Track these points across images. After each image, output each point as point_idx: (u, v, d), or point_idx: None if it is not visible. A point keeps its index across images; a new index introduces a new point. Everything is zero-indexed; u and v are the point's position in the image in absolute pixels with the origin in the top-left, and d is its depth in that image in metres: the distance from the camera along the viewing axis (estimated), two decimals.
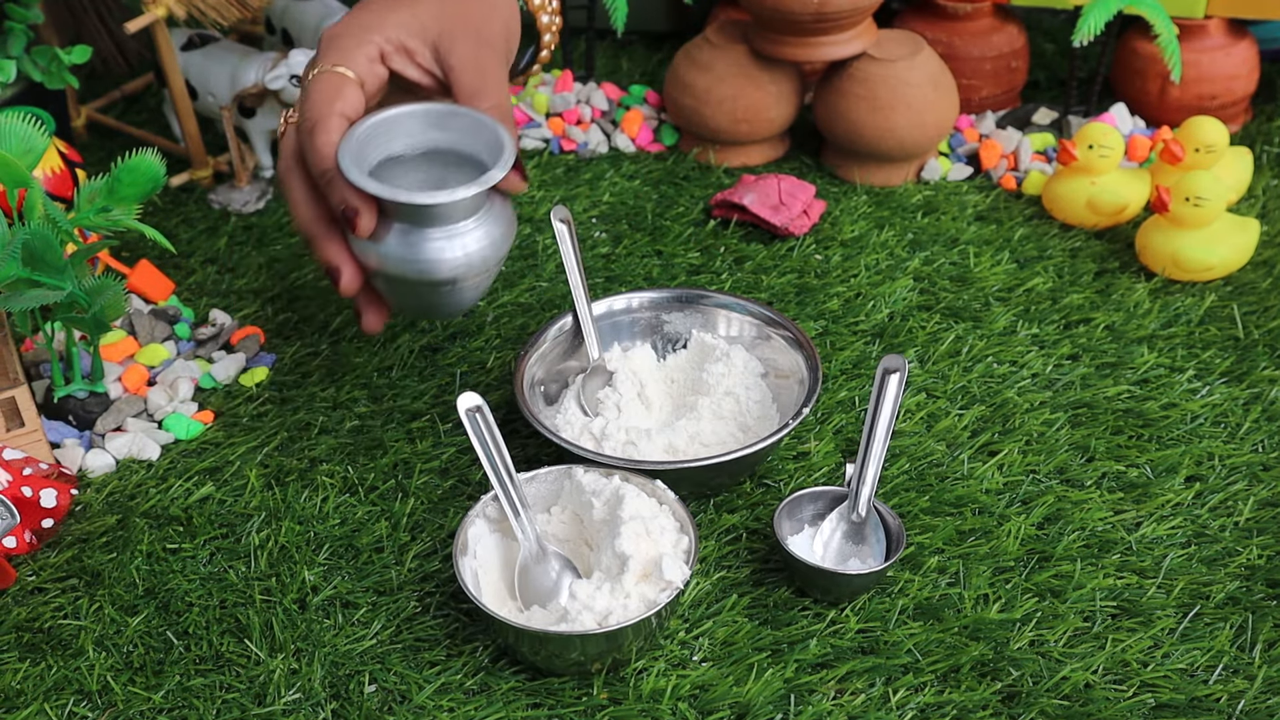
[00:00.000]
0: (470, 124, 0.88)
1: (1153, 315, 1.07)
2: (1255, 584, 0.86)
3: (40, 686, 0.81)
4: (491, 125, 0.87)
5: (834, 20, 1.16)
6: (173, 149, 1.26)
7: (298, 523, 0.92)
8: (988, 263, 1.13)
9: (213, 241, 1.19)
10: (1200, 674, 0.81)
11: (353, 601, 0.86)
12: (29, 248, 0.88)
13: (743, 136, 1.24)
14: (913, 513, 0.91)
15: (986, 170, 1.25)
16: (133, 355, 1.05)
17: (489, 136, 0.87)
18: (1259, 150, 1.26)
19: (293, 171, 0.90)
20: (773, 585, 0.87)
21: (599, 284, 1.12)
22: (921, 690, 0.80)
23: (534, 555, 0.84)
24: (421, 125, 0.90)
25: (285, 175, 0.90)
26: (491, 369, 1.04)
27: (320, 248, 0.89)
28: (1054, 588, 0.86)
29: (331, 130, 0.86)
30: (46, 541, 0.91)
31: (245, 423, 1.00)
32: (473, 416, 0.85)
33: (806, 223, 1.17)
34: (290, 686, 0.81)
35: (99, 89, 1.40)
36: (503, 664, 0.82)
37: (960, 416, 0.98)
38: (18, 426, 0.94)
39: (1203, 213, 1.07)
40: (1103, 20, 1.19)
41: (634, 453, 0.92)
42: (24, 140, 0.91)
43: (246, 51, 1.24)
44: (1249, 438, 0.96)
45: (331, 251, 0.89)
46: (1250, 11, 1.24)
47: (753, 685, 0.80)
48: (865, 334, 1.06)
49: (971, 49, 1.29)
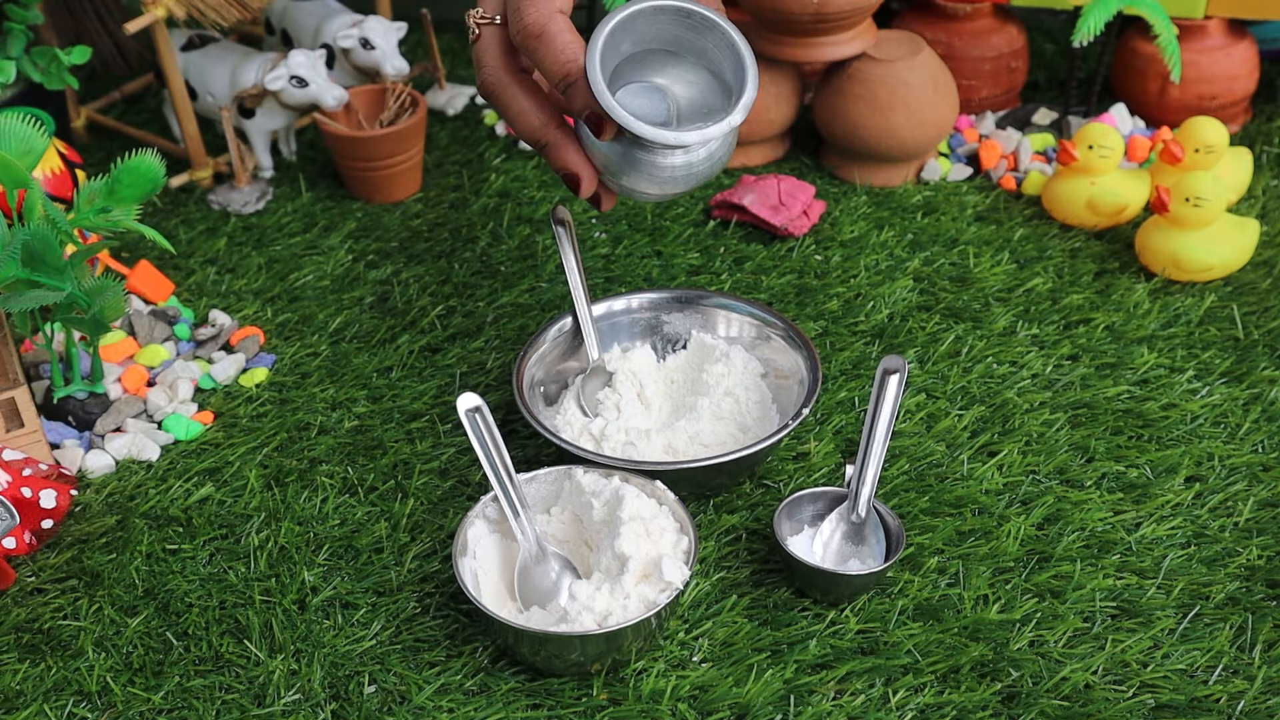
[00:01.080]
0: (701, 21, 0.84)
1: (1153, 316, 1.07)
2: (1255, 584, 0.86)
3: (40, 687, 0.81)
4: (723, 27, 0.84)
5: (834, 21, 1.16)
6: (172, 150, 1.26)
7: (297, 523, 0.92)
8: (987, 263, 1.13)
9: (212, 242, 1.19)
10: (1200, 674, 0.81)
11: (352, 602, 0.86)
12: (29, 248, 0.88)
13: (742, 137, 1.24)
14: (912, 513, 0.91)
15: (986, 171, 1.25)
16: (132, 356, 1.05)
17: (719, 38, 0.84)
18: (1259, 150, 1.26)
19: (511, 79, 0.86)
20: (772, 586, 0.87)
21: (599, 285, 1.12)
22: (921, 691, 0.80)
23: (534, 556, 0.84)
24: (651, 24, 0.85)
25: (499, 85, 0.87)
26: (491, 370, 1.04)
27: (557, 154, 0.87)
28: (1054, 588, 0.86)
29: (563, 30, 0.83)
30: (46, 542, 0.91)
31: (245, 423, 1.00)
32: (472, 417, 0.85)
33: (806, 223, 1.17)
34: (290, 687, 0.81)
35: (99, 90, 1.40)
36: (502, 665, 0.82)
37: (960, 417, 0.98)
38: (17, 427, 0.94)
39: (1202, 213, 1.07)
40: (1102, 20, 1.19)
41: (633, 453, 0.91)
42: (24, 141, 0.91)
43: (246, 52, 1.24)
44: (1249, 438, 0.96)
45: (570, 158, 0.86)
46: (1250, 12, 1.24)
47: (752, 686, 0.80)
48: (865, 334, 1.06)
49: (971, 49, 1.29)
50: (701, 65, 0.86)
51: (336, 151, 1.22)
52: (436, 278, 1.14)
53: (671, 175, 0.86)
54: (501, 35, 0.87)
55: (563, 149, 0.87)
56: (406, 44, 1.47)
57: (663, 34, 0.86)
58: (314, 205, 1.24)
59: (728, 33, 0.84)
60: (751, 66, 0.84)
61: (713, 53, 0.86)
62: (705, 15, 0.84)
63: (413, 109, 1.23)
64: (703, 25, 0.85)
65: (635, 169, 0.86)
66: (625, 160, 0.85)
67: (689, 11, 0.84)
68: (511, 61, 0.87)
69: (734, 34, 0.84)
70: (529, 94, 0.87)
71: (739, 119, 0.83)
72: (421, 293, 1.12)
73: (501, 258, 1.16)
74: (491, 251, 1.17)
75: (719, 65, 0.85)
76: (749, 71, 0.84)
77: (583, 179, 0.87)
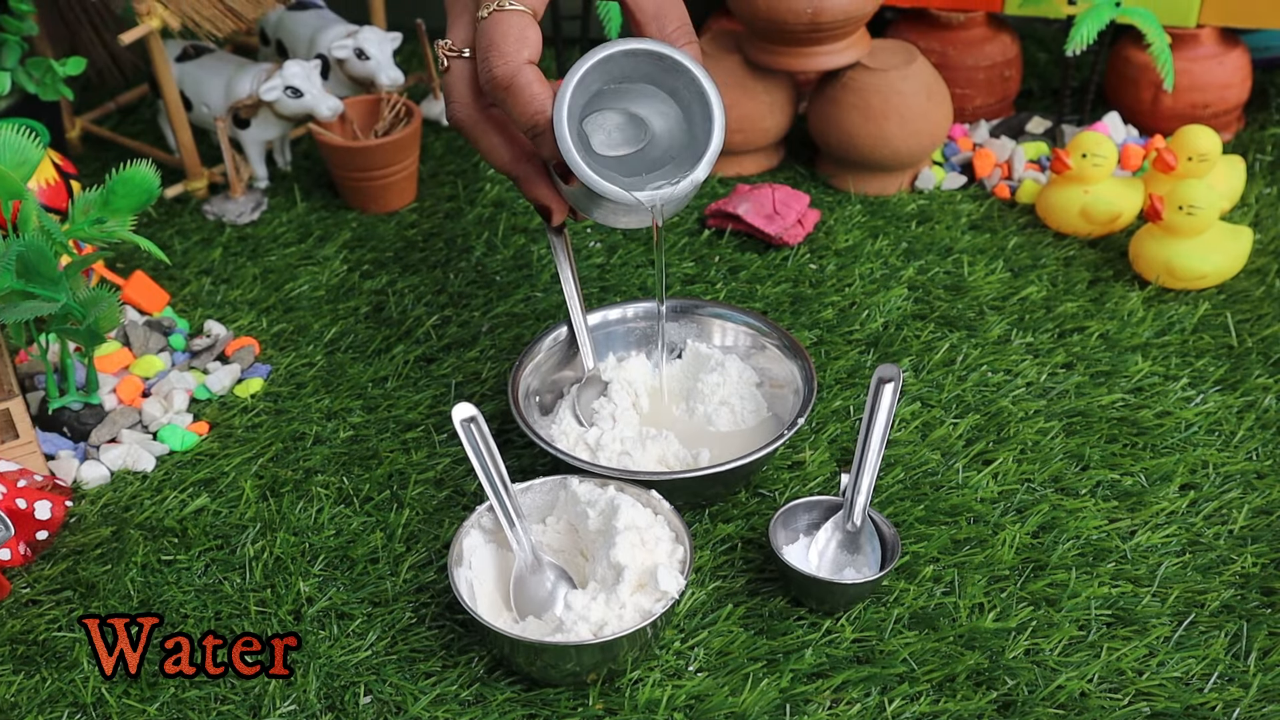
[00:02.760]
0: (673, 65, 0.85)
1: (1146, 323, 1.08)
2: (1250, 592, 0.86)
3: (34, 699, 0.81)
4: (694, 73, 0.85)
5: (828, 30, 1.16)
6: (167, 160, 1.26)
7: (293, 534, 0.92)
8: (982, 271, 1.13)
9: (207, 253, 1.19)
10: (1195, 682, 0.81)
11: (348, 613, 0.86)
12: (23, 259, 0.88)
13: (737, 146, 1.25)
14: (908, 522, 0.91)
15: (980, 179, 1.25)
16: (127, 367, 1.05)
17: (690, 83, 0.85)
18: (1251, 158, 1.27)
19: (480, 115, 0.88)
20: (768, 595, 0.87)
21: (594, 294, 1.12)
22: (917, 699, 0.80)
23: (529, 566, 0.84)
24: (626, 64, 0.86)
25: (470, 121, 0.88)
26: (486, 379, 1.04)
27: (528, 188, 0.89)
28: (1049, 596, 0.86)
29: (531, 82, 0.84)
30: (41, 553, 0.91)
31: (240, 434, 1.00)
32: (467, 427, 0.85)
33: (801, 232, 1.17)
34: (285, 698, 0.81)
35: (94, 100, 1.40)
36: (498, 675, 0.82)
37: (955, 425, 0.98)
38: (12, 438, 0.94)
39: (1196, 221, 1.07)
40: (1095, 29, 1.19)
41: (629, 463, 0.92)
42: (18, 152, 0.91)
43: (241, 63, 1.24)
44: (1243, 446, 0.97)
45: (541, 191, 0.89)
46: (1242, 20, 1.24)
47: (748, 695, 0.80)
48: (860, 343, 1.06)
49: (965, 58, 1.29)
50: (675, 102, 0.87)
51: (331, 161, 1.22)
52: (432, 287, 1.14)
53: (639, 219, 0.88)
54: (470, 69, 0.88)
55: (532, 183, 0.89)
56: (401, 54, 1.47)
57: (638, 71, 0.87)
58: (309, 215, 1.24)
59: (698, 80, 0.85)
60: (719, 117, 0.85)
61: (684, 94, 0.87)
62: (677, 60, 0.85)
63: (407, 119, 1.23)
64: (674, 69, 0.86)
65: (601, 209, 0.88)
66: (592, 201, 0.87)
67: (661, 55, 0.85)
68: (480, 98, 0.88)
69: (705, 82, 0.85)
70: (498, 130, 0.88)
71: (702, 174, 0.85)
72: (417, 302, 1.12)
73: (496, 267, 1.16)
74: (486, 261, 1.17)
75: (690, 108, 0.87)
76: (716, 122, 0.85)
77: (554, 211, 0.90)
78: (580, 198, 0.88)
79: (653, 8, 0.88)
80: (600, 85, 0.87)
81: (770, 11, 1.16)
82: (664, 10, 0.88)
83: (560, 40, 1.38)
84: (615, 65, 0.86)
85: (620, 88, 0.88)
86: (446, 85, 0.89)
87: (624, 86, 0.88)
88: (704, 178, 0.85)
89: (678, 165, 0.87)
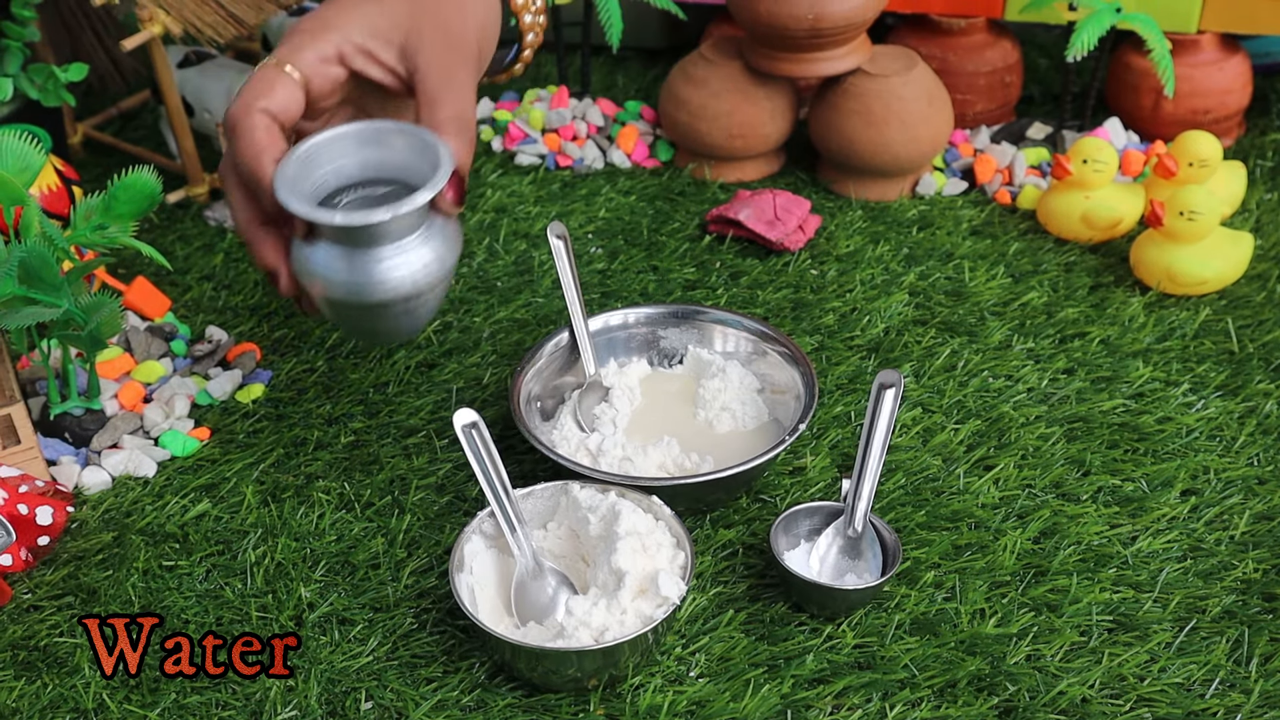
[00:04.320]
0: (416, 142, 0.85)
1: (1147, 329, 1.08)
2: (1251, 598, 0.86)
3: (35, 705, 0.81)
4: (434, 144, 0.83)
5: (829, 36, 1.16)
6: (169, 166, 1.27)
7: (294, 539, 0.92)
8: (983, 277, 1.13)
9: (209, 258, 1.19)
10: (1197, 688, 0.81)
11: (349, 618, 0.86)
12: (25, 265, 0.88)
13: (738, 152, 1.25)
14: (909, 527, 0.91)
15: (981, 185, 1.26)
16: (129, 372, 1.05)
17: (432, 156, 0.83)
18: (1252, 164, 1.27)
19: (230, 172, 0.87)
20: (769, 600, 0.87)
21: (595, 300, 1.12)
22: (918, 705, 0.80)
23: (530, 571, 0.84)
24: (364, 144, 0.86)
25: (224, 175, 0.87)
26: (488, 385, 1.04)
27: (256, 251, 0.86)
28: (1050, 602, 0.86)
29: (255, 128, 0.83)
30: (42, 559, 0.91)
31: (241, 439, 1.00)
32: (469, 432, 0.85)
33: (802, 238, 1.17)
34: (286, 704, 0.81)
35: (95, 106, 1.40)
36: (499, 680, 0.82)
37: (956, 431, 0.98)
38: (14, 444, 0.94)
39: (1197, 227, 1.08)
40: (1096, 35, 1.19)
41: (630, 468, 0.92)
42: (20, 158, 0.91)
43: (243, 69, 1.24)
44: (1244, 451, 0.97)
45: (268, 255, 0.86)
46: (1243, 26, 1.24)
47: (749, 701, 0.80)
48: (861, 349, 1.07)
49: (966, 64, 1.29)
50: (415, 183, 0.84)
51: None
52: None
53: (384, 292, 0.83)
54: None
55: (260, 246, 0.86)
56: None
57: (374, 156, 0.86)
58: None
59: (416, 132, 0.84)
60: (446, 158, 0.82)
61: (416, 160, 0.84)
62: (393, 125, 0.85)
63: None
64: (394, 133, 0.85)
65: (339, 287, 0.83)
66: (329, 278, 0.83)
67: (371, 129, 0.85)
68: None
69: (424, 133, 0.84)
70: (242, 190, 0.86)
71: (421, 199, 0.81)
72: None
73: (498, 273, 1.16)
74: (488, 267, 1.17)
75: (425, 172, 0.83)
76: (442, 164, 0.82)
77: (281, 278, 0.86)
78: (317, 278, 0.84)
79: (432, 91, 0.86)
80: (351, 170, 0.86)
81: (771, 17, 1.16)
82: (440, 97, 0.86)
83: (562, 46, 1.38)
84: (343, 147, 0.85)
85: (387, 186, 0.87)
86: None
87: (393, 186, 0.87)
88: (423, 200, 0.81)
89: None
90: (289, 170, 0.83)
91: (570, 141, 1.32)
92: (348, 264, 0.82)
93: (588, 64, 1.38)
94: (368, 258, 0.82)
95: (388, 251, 0.82)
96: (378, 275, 0.82)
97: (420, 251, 0.83)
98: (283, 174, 0.82)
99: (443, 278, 0.85)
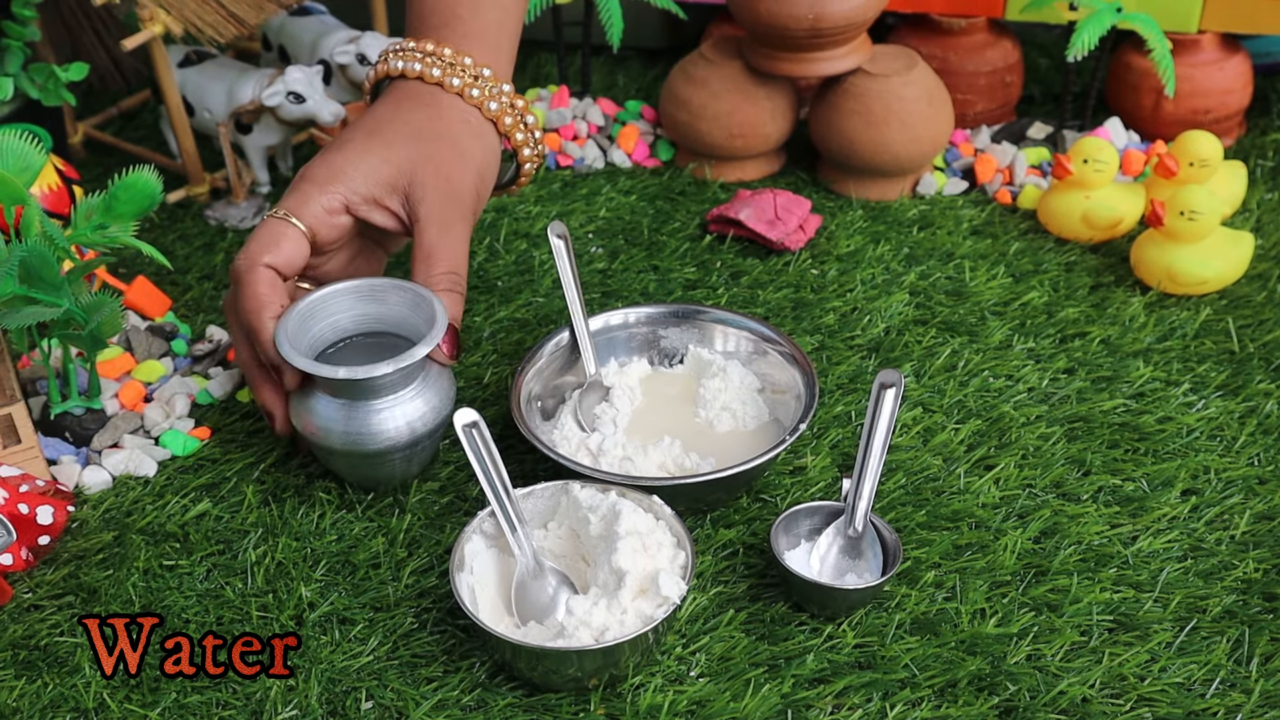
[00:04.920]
0: (411, 298, 0.90)
1: (1148, 329, 1.08)
2: (1251, 598, 0.86)
3: (36, 704, 0.81)
4: (429, 299, 0.89)
5: (829, 36, 1.16)
6: (170, 165, 1.27)
7: (294, 539, 0.92)
8: (983, 277, 1.13)
9: (209, 257, 1.19)
10: (1197, 688, 0.81)
11: (349, 618, 0.86)
12: (26, 265, 0.88)
13: (738, 152, 1.25)
14: (909, 527, 0.91)
15: (982, 185, 1.26)
16: (129, 372, 1.05)
17: (427, 310, 0.89)
18: (1253, 164, 1.27)
19: (233, 312, 0.92)
20: (769, 600, 0.87)
21: (595, 299, 1.12)
22: (919, 705, 0.80)
23: (531, 571, 0.84)
24: (361, 299, 0.92)
25: (227, 312, 0.93)
26: (488, 384, 1.04)
27: (256, 390, 0.92)
28: (1051, 602, 0.86)
29: (259, 282, 0.89)
30: (43, 559, 0.91)
31: (242, 439, 1.00)
32: (469, 432, 0.85)
33: (802, 237, 1.17)
34: (287, 704, 0.81)
35: (96, 106, 1.40)
36: (500, 680, 0.82)
37: (956, 431, 0.98)
38: (14, 443, 0.94)
39: (1197, 227, 1.08)
40: (1097, 35, 1.19)
41: (630, 468, 0.92)
42: (21, 157, 0.91)
43: (243, 68, 1.24)
44: (1245, 451, 0.97)
45: (266, 396, 0.92)
46: (1243, 26, 1.24)
47: (750, 701, 0.80)
48: (861, 348, 1.07)
49: (966, 64, 1.29)
50: (411, 339, 0.90)
51: None
52: None
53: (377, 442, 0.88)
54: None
55: (259, 386, 0.92)
56: None
57: (371, 312, 0.92)
58: None
59: (412, 289, 0.90)
60: (441, 314, 0.88)
61: (411, 316, 0.90)
62: (390, 282, 0.91)
63: None
64: (391, 290, 0.91)
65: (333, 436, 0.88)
66: (323, 427, 0.88)
67: (368, 285, 0.91)
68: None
69: (420, 290, 0.89)
70: (241, 330, 0.92)
71: (418, 354, 0.86)
72: None
73: (498, 273, 1.16)
74: (488, 266, 1.17)
75: (420, 327, 0.89)
76: (438, 321, 0.87)
77: (277, 419, 0.92)
78: (312, 426, 0.89)
79: (429, 245, 0.92)
80: (354, 329, 0.92)
81: (771, 17, 1.16)
82: (437, 253, 0.92)
83: (562, 45, 1.38)
84: (341, 303, 0.91)
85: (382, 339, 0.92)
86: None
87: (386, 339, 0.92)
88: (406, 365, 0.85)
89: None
90: (289, 325, 0.88)
91: (571, 141, 1.32)
92: (346, 414, 0.88)
93: (588, 64, 1.38)
94: (366, 409, 0.88)
95: (385, 403, 0.88)
96: (375, 426, 0.88)
97: (416, 403, 0.89)
98: (283, 329, 0.87)
99: (438, 426, 0.90)
